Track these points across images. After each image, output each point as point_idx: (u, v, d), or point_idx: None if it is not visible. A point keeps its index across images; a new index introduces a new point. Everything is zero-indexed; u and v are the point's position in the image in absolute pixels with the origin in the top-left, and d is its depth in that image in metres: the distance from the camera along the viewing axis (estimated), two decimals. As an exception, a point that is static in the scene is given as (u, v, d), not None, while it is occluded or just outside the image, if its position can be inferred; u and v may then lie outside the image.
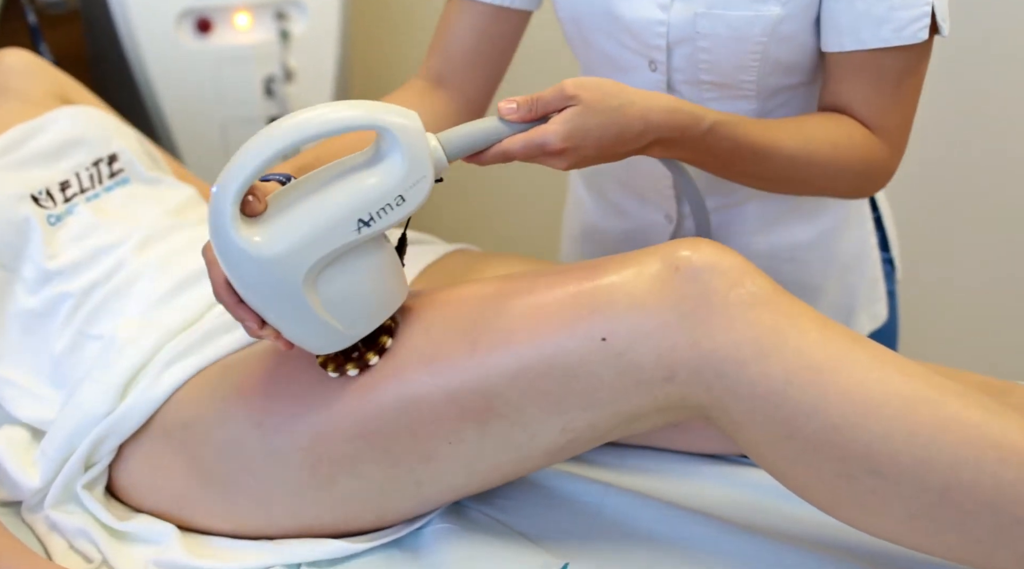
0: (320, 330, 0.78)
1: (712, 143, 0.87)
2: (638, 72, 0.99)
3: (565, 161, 0.81)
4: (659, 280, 0.78)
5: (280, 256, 0.74)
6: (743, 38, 0.92)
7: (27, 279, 1.01)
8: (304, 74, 1.71)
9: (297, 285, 0.75)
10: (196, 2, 1.60)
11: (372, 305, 0.80)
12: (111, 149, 1.14)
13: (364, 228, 0.75)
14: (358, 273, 0.78)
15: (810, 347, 0.75)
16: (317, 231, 0.74)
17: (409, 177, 0.75)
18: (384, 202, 0.75)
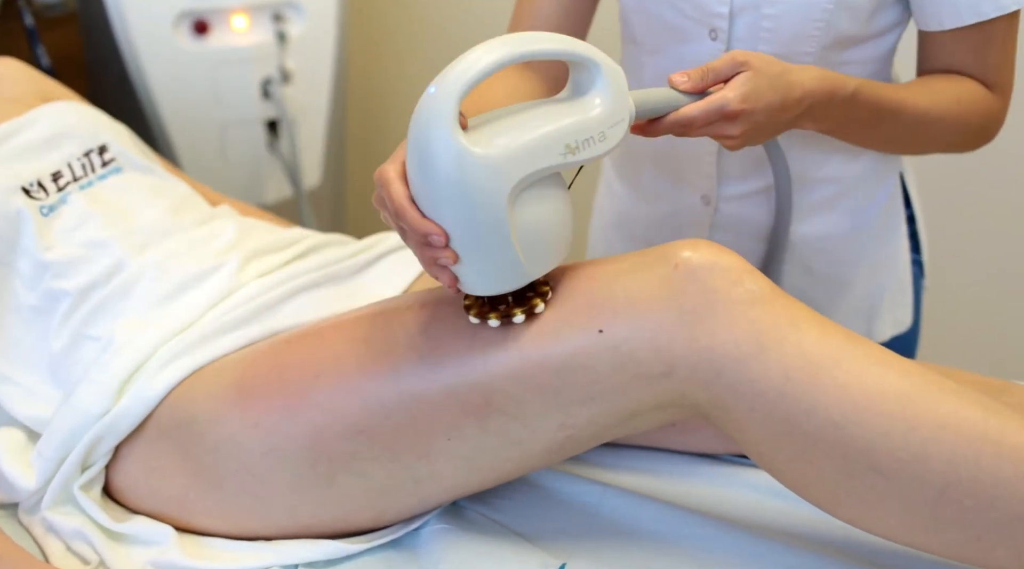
0: (503, 260, 0.75)
1: (856, 106, 0.91)
2: (698, 41, 0.98)
3: (740, 126, 0.84)
4: (659, 278, 0.78)
5: (494, 164, 0.72)
6: (810, 4, 0.92)
7: (24, 273, 1.01)
8: (301, 76, 1.71)
9: (502, 200, 0.73)
10: (193, 4, 1.60)
11: (553, 243, 0.78)
12: (100, 140, 1.13)
13: (569, 155, 0.75)
14: (551, 208, 0.77)
15: (809, 345, 0.75)
16: (531, 144, 0.74)
17: (613, 115, 0.78)
18: (589, 133, 0.76)
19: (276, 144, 1.73)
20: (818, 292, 1.12)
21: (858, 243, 1.11)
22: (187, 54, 1.62)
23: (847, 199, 1.08)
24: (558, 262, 0.80)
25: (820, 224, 1.08)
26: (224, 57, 1.65)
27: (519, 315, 0.80)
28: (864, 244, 1.11)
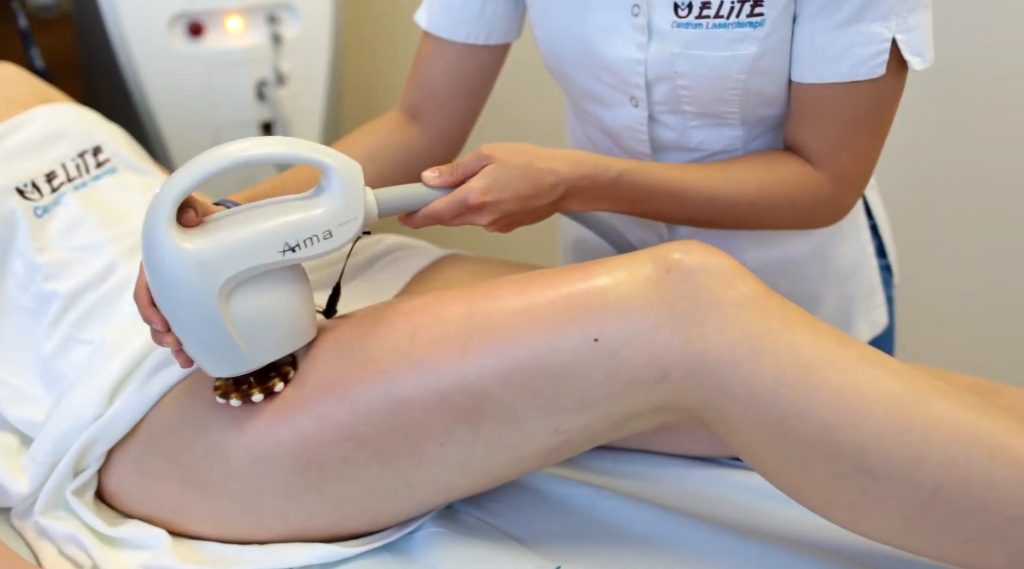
0: (224, 348, 0.80)
1: (624, 189, 0.91)
2: (620, 107, 0.99)
3: (487, 216, 0.86)
4: (651, 281, 0.78)
5: (202, 260, 0.77)
6: (722, 76, 0.92)
7: (17, 274, 1.01)
8: (296, 78, 1.71)
9: (212, 294, 0.77)
10: (188, 6, 1.60)
11: (280, 331, 0.82)
12: (95, 141, 1.13)
13: (289, 252, 0.79)
14: (274, 297, 0.81)
15: (801, 347, 0.76)
16: (242, 245, 0.78)
17: (341, 215, 0.80)
18: (312, 232, 0.79)
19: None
20: None
21: (820, 260, 1.10)
22: (182, 56, 1.62)
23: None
24: (290, 348, 0.83)
25: (780, 249, 1.08)
26: (219, 59, 1.64)
27: (257, 394, 0.83)
28: (827, 260, 1.10)
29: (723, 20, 0.89)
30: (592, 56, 0.96)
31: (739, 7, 0.88)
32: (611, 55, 0.95)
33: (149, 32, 1.59)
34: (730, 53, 0.90)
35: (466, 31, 1.04)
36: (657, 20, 0.92)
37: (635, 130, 1.00)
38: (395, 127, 1.06)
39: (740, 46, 0.90)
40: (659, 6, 0.92)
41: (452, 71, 1.06)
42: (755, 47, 0.90)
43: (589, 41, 0.96)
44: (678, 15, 0.91)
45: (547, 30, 1.00)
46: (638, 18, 0.93)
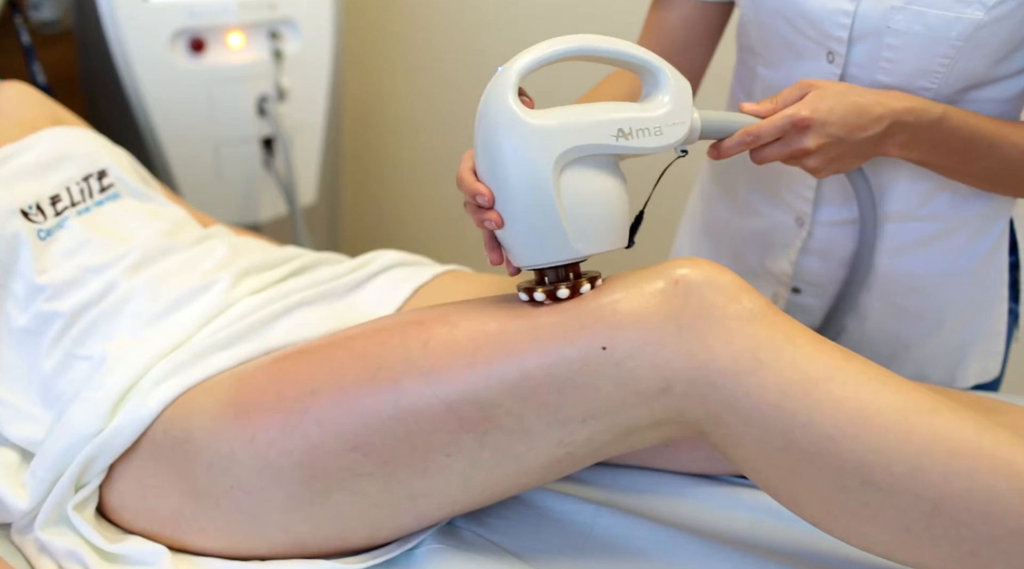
0: (548, 229, 0.79)
1: (947, 131, 0.89)
2: (814, 61, 0.96)
3: (813, 138, 0.85)
4: (659, 294, 0.79)
5: (542, 129, 0.78)
6: (938, 39, 0.88)
7: (17, 295, 1.01)
8: (297, 93, 1.72)
9: (549, 164, 0.78)
10: (190, 22, 1.61)
11: (602, 223, 0.81)
12: (100, 165, 1.14)
13: (622, 138, 0.80)
14: (601, 186, 0.81)
15: (804, 360, 0.76)
16: (580, 123, 0.79)
17: (671, 115, 0.82)
18: (645, 124, 0.81)
19: (271, 161, 1.73)
20: (905, 329, 1.08)
21: (954, 285, 1.06)
22: (183, 72, 1.62)
23: (949, 239, 1.04)
24: (608, 246, 0.82)
25: (916, 262, 1.05)
26: (220, 75, 1.65)
27: (563, 289, 0.81)
28: (961, 287, 1.06)
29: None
30: (798, 4, 0.94)
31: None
32: (816, 4, 0.92)
33: (151, 48, 1.60)
34: (954, 14, 0.87)
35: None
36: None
37: None
38: (632, 81, 1.04)
39: (966, 9, 0.87)
40: None
41: (684, 20, 1.05)
42: (981, 13, 0.87)
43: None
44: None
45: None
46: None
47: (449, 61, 2.08)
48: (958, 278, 1.06)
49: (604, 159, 0.81)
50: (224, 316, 0.99)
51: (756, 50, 1.03)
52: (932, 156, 0.92)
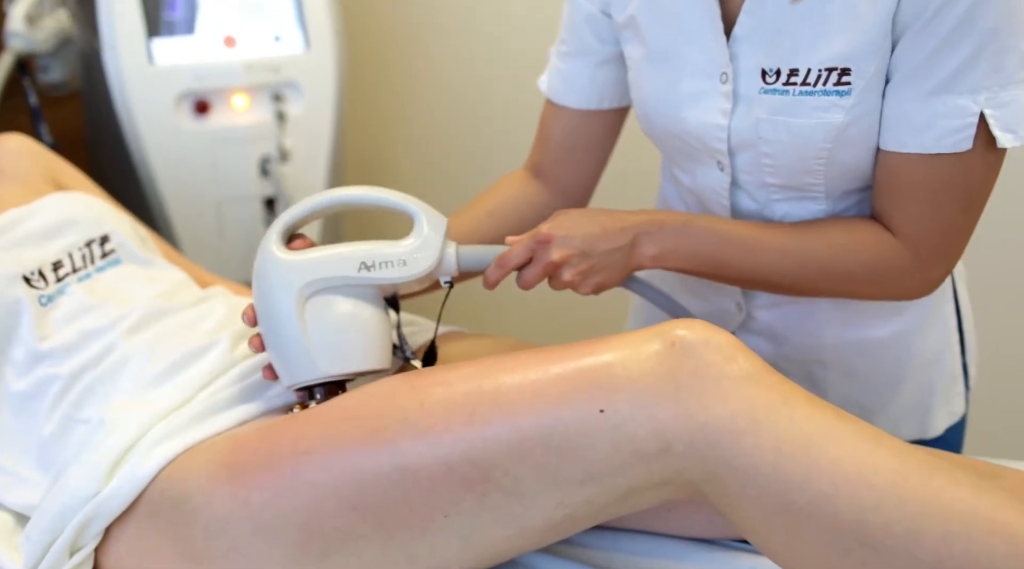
0: (296, 352, 0.88)
1: (694, 237, 0.94)
2: (707, 168, 1.00)
3: (557, 250, 0.91)
4: (656, 355, 0.79)
5: (289, 264, 0.89)
6: (807, 144, 0.91)
7: (16, 361, 1.02)
8: (299, 154, 1.74)
9: (292, 294, 0.88)
10: (195, 84, 1.64)
11: (349, 348, 0.89)
12: (103, 230, 1.15)
13: (364, 270, 0.89)
14: (347, 313, 0.89)
15: (801, 420, 0.76)
16: (325, 258, 0.89)
17: (416, 249, 0.90)
18: (387, 257, 0.89)
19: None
20: (866, 395, 1.09)
21: (903, 346, 1.07)
22: (187, 133, 1.65)
23: (886, 306, 1.05)
24: (358, 367, 0.89)
25: (860, 331, 1.06)
26: (224, 136, 1.67)
27: (315, 404, 0.89)
28: (910, 347, 1.07)
29: (810, 88, 0.90)
30: (680, 121, 0.98)
31: (826, 75, 0.89)
32: (697, 121, 0.97)
33: (156, 109, 1.62)
34: (815, 121, 0.90)
35: (578, 97, 1.09)
36: (744, 87, 0.93)
37: (719, 194, 1.01)
38: (521, 184, 1.13)
39: (826, 114, 0.90)
40: (746, 73, 0.93)
41: (571, 133, 1.11)
42: (841, 116, 0.89)
43: (678, 106, 0.98)
44: (765, 81, 0.92)
45: (641, 93, 1.02)
46: (725, 85, 0.94)
47: (448, 125, 2.11)
48: (902, 338, 1.07)
49: (355, 289, 0.89)
50: (224, 377, 0.99)
51: (665, 155, 1.08)
52: (689, 264, 0.96)
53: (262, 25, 1.70)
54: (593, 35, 1.06)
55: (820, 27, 0.88)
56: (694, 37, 0.96)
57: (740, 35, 0.93)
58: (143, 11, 1.60)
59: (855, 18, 0.86)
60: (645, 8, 0.99)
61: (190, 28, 1.65)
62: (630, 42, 1.02)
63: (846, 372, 1.09)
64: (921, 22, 0.84)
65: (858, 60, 0.87)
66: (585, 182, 1.13)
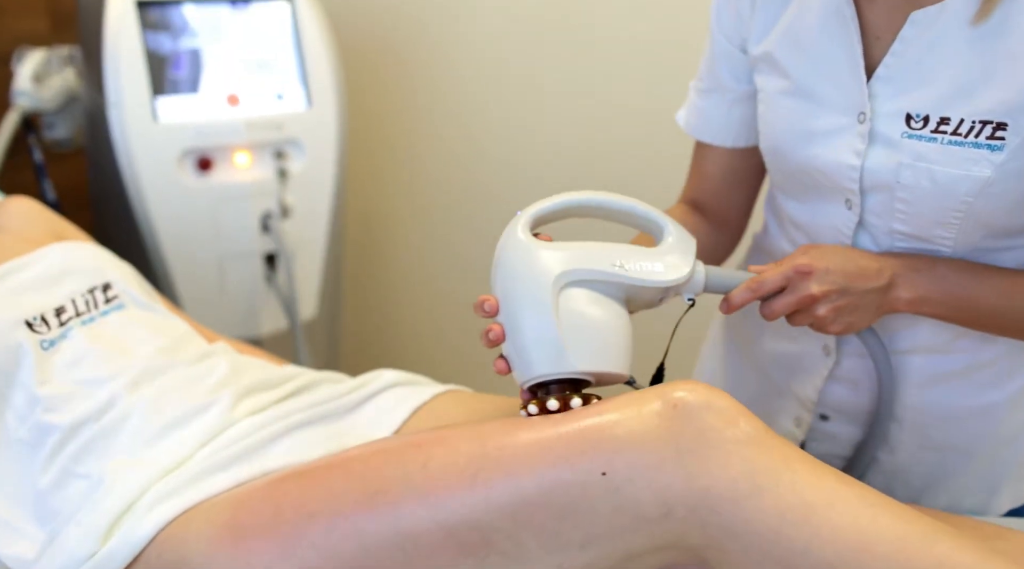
0: (545, 342, 0.84)
1: (954, 282, 0.92)
2: (835, 205, 0.98)
3: (816, 284, 0.90)
4: (658, 418, 0.79)
5: (544, 254, 0.86)
6: (947, 193, 0.89)
7: (17, 406, 1.01)
8: (300, 210, 1.75)
9: (548, 283, 0.84)
10: (198, 142, 1.65)
11: (601, 343, 0.85)
12: (105, 278, 1.16)
13: (619, 268, 0.87)
14: (600, 310, 0.86)
15: (803, 485, 0.76)
16: (581, 252, 0.87)
17: (671, 258, 0.90)
18: (643, 259, 0.88)
19: (273, 277, 1.76)
20: (936, 462, 1.07)
21: (986, 417, 1.04)
22: (190, 189, 1.66)
23: (978, 373, 1.03)
24: (604, 367, 0.85)
25: (945, 394, 1.03)
26: (226, 192, 1.68)
27: (553, 401, 0.84)
28: (992, 419, 1.04)
29: (960, 138, 0.87)
30: (811, 157, 0.97)
31: (980, 127, 0.86)
32: (827, 158, 0.95)
33: (159, 166, 1.63)
34: (962, 172, 0.87)
35: (714, 134, 1.10)
36: (884, 128, 0.92)
37: (840, 233, 0.99)
38: (683, 216, 1.11)
39: (974, 167, 0.87)
40: (888, 115, 0.91)
41: (721, 167, 1.11)
42: (990, 171, 0.86)
43: (809, 142, 0.96)
44: (910, 126, 0.89)
45: (771, 126, 1.01)
46: (862, 125, 0.92)
47: (446, 182, 2.13)
48: (989, 411, 1.04)
49: (606, 287, 0.86)
50: (223, 436, 0.98)
51: (784, 188, 1.06)
52: (944, 310, 0.93)
53: (265, 84, 1.72)
54: (730, 73, 1.06)
55: (980, 75, 0.86)
56: (833, 74, 0.94)
57: (883, 75, 0.91)
58: (149, 70, 1.63)
59: (1017, 72, 0.84)
60: (785, 42, 0.98)
61: (195, 87, 1.67)
62: (764, 74, 1.02)
63: (921, 436, 1.06)
64: None
65: (1017, 115, 0.84)
66: (742, 213, 1.14)
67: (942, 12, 0.87)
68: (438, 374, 1.36)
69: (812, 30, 0.96)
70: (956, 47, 0.87)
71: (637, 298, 0.89)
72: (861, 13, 0.93)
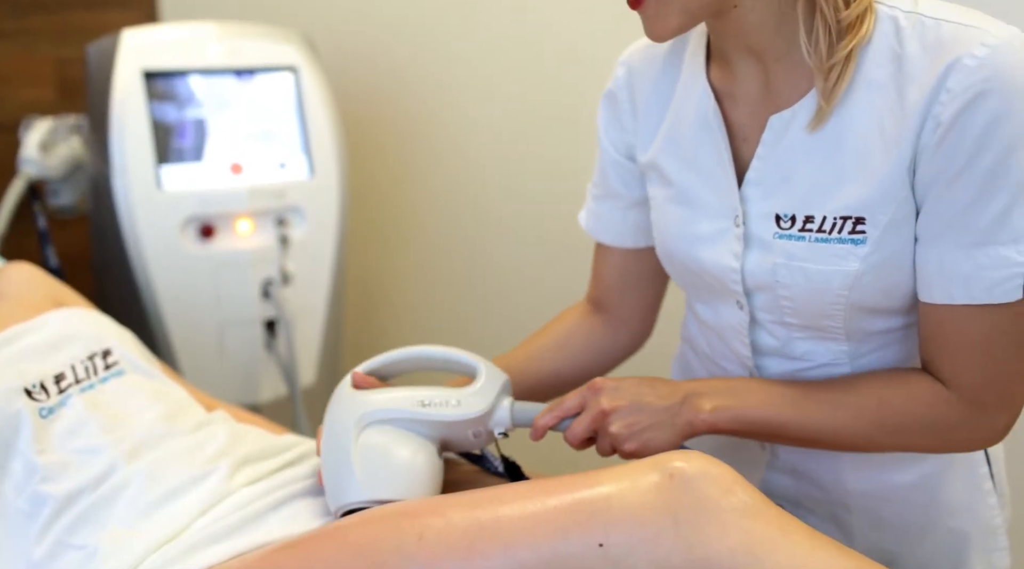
0: (345, 473, 0.93)
1: (748, 394, 0.95)
2: (727, 306, 1.01)
3: (607, 398, 0.94)
4: (655, 488, 0.79)
5: (355, 397, 0.98)
6: (823, 289, 0.91)
7: (16, 475, 1.01)
8: (301, 277, 1.76)
9: (350, 421, 0.95)
10: (201, 209, 1.67)
11: (393, 474, 0.93)
12: (105, 344, 1.16)
13: (421, 407, 0.96)
14: (399, 442, 0.95)
15: (801, 556, 0.76)
16: (394, 394, 0.98)
17: (473, 395, 0.97)
18: (445, 399, 0.96)
19: (273, 343, 1.76)
20: (894, 541, 1.06)
21: (928, 489, 1.04)
22: (192, 256, 1.67)
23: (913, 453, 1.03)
24: (399, 493, 0.93)
25: (881, 473, 1.03)
26: (227, 259, 1.70)
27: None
28: (935, 490, 1.04)
29: (825, 235, 0.90)
30: (697, 260, 0.99)
31: (841, 224, 0.89)
32: (712, 261, 0.97)
33: (162, 233, 1.65)
34: (831, 268, 0.90)
35: (613, 237, 1.12)
36: (757, 230, 0.94)
37: (738, 331, 1.01)
38: (583, 317, 1.16)
39: (842, 262, 0.89)
40: (759, 217, 0.94)
41: (620, 269, 1.14)
42: (857, 264, 0.89)
43: (695, 246, 0.99)
44: (780, 226, 0.92)
45: (661, 232, 1.04)
46: (739, 228, 0.95)
47: (446, 251, 2.15)
48: (927, 482, 1.04)
49: (411, 424, 0.96)
50: (220, 507, 0.98)
51: (687, 290, 1.09)
52: (742, 425, 0.94)
53: (269, 152, 1.75)
54: (619, 181, 1.09)
55: (833, 175, 0.89)
56: (710, 179, 0.97)
57: (752, 179, 0.94)
58: (154, 139, 1.65)
59: (868, 167, 0.87)
60: (666, 150, 1.01)
61: (198, 155, 1.70)
62: (654, 183, 1.04)
63: (871, 517, 1.05)
64: (947, 177, 0.83)
65: (872, 209, 0.87)
66: (644, 314, 1.15)
67: (794, 116, 0.90)
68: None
69: (687, 137, 0.99)
70: (808, 149, 0.90)
71: (450, 436, 0.98)
72: (728, 117, 0.96)
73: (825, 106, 0.87)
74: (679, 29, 0.88)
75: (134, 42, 1.68)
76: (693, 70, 0.99)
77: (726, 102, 0.96)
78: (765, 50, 0.90)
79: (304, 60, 1.78)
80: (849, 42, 0.85)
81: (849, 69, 0.86)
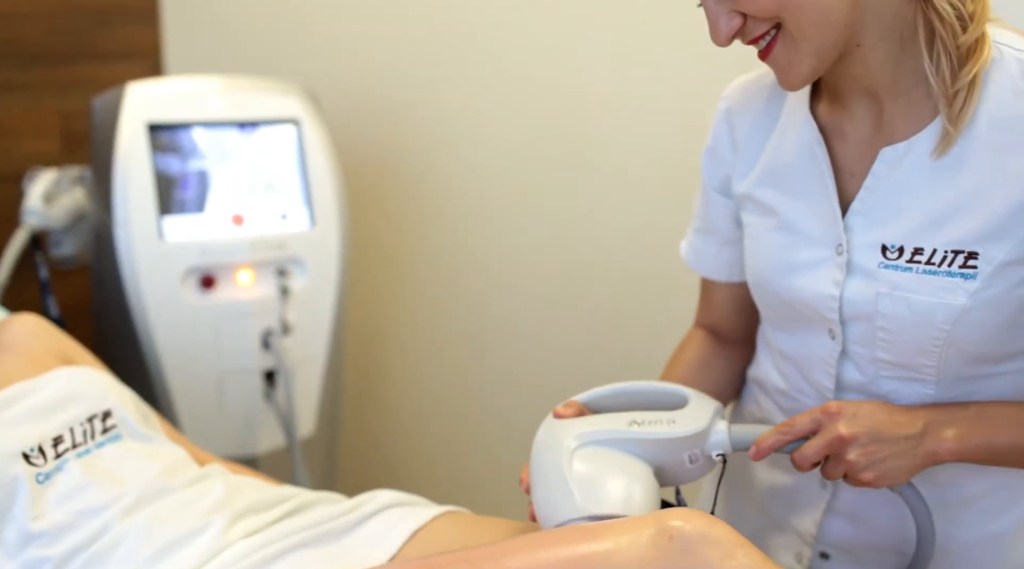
0: (559, 493, 0.90)
1: (993, 420, 0.91)
2: (819, 336, 0.99)
3: (845, 424, 0.90)
4: (654, 548, 0.78)
5: (562, 423, 0.97)
6: (926, 322, 0.90)
7: (8, 542, 1.00)
8: (301, 328, 1.76)
9: (562, 445, 0.93)
10: (202, 260, 1.67)
11: (609, 491, 0.90)
12: (106, 406, 1.15)
13: (634, 426, 0.95)
14: (613, 460, 0.93)
15: None
16: (597, 417, 0.97)
17: (687, 414, 0.96)
18: (658, 418, 0.95)
19: (272, 394, 1.75)
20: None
21: (993, 546, 1.02)
22: (192, 307, 1.67)
23: (982, 501, 1.01)
24: (617, 509, 0.89)
25: (949, 526, 1.00)
26: (228, 310, 1.70)
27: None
28: (999, 547, 1.02)
29: (934, 267, 0.89)
30: (793, 289, 0.99)
31: (952, 257, 0.88)
32: (809, 290, 0.97)
33: (163, 284, 1.65)
34: (937, 300, 0.89)
35: (709, 270, 1.15)
36: (861, 259, 0.94)
37: (826, 363, 1.00)
38: (707, 340, 1.17)
39: (949, 295, 0.89)
40: (864, 246, 0.93)
41: (724, 297, 1.15)
42: (964, 299, 0.88)
43: (790, 274, 0.99)
44: (886, 257, 0.92)
45: (756, 260, 1.03)
46: (841, 256, 0.95)
47: (446, 302, 2.15)
48: (997, 540, 1.02)
49: (624, 444, 0.94)
50: (218, 560, 0.97)
51: (771, 320, 1.07)
52: (988, 453, 0.91)
53: (270, 204, 1.76)
54: (718, 217, 1.11)
55: (949, 207, 0.89)
56: (813, 209, 0.97)
57: (858, 209, 0.94)
58: (157, 191, 1.66)
59: (987, 202, 0.87)
60: (765, 181, 1.02)
61: (200, 207, 1.71)
62: (750, 212, 1.05)
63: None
64: None
65: (987, 245, 0.87)
66: (754, 332, 1.15)
67: (909, 149, 0.91)
68: (438, 492, 1.35)
69: (789, 168, 1.00)
70: (924, 181, 0.90)
71: (664, 460, 0.94)
72: (833, 151, 0.97)
73: (952, 131, 0.87)
74: (812, 75, 0.89)
75: (139, 95, 1.70)
76: (796, 105, 1.00)
77: (833, 138, 0.97)
78: (883, 89, 0.91)
79: (306, 113, 1.79)
80: (972, 67, 0.86)
81: (975, 95, 0.86)
